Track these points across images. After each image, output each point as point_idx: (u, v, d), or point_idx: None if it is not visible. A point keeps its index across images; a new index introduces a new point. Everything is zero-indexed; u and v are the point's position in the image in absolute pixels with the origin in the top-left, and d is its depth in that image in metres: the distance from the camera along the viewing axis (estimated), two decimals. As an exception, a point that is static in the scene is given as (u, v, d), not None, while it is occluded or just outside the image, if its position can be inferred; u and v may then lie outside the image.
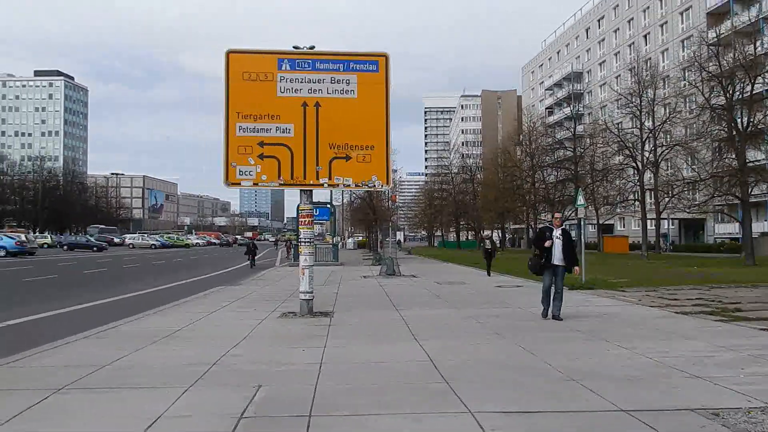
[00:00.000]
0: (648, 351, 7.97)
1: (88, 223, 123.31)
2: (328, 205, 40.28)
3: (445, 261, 41.67)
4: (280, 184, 12.03)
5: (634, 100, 43.03)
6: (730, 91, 34.09)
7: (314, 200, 14.02)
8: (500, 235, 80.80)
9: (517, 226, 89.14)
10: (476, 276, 25.28)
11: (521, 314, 12.00)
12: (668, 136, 44.41)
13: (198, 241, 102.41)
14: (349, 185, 12.29)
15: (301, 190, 12.23)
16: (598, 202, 55.03)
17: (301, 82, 12.09)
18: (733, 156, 34.90)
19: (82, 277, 25.82)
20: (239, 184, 11.99)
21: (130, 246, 75.66)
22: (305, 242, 12.16)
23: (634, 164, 43.55)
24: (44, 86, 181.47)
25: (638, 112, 42.69)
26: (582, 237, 21.53)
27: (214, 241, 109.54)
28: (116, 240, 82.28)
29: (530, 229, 78.60)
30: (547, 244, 11.03)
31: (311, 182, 12.03)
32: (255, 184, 12.00)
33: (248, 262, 35.33)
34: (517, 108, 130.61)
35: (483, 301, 14.65)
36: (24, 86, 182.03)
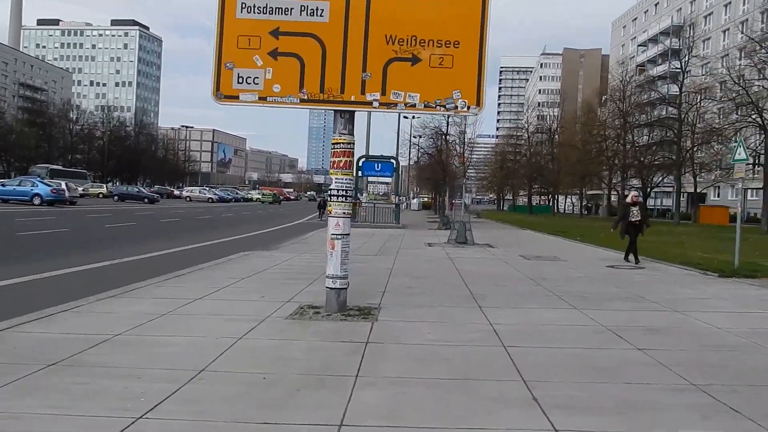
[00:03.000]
0: None
1: (157, 175, 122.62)
2: (392, 161, 35.35)
3: (522, 227, 36.49)
4: (303, 100, 7.36)
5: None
6: None
7: (375, 153, 9.28)
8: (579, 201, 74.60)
9: (593, 192, 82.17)
10: (569, 248, 20.35)
11: (693, 327, 7.09)
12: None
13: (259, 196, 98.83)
14: (414, 105, 7.44)
15: (335, 111, 7.53)
16: (700, 167, 48.64)
17: (345, -68, 7.30)
18: None
19: (97, 233, 22.21)
20: (236, 97, 7.38)
21: (187, 199, 72.94)
22: (339, 198, 7.52)
23: (760, 122, 36.53)
24: (120, 36, 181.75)
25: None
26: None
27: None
28: (175, 192, 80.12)
29: (612, 196, 72.08)
30: None
31: (352, 98, 7.33)
32: (261, 99, 7.36)
33: (316, 215, 39.73)
34: (601, 67, 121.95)
35: (608, 295, 9.69)
36: (101, 35, 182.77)
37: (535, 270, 13.18)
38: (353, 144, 7.62)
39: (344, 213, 7.51)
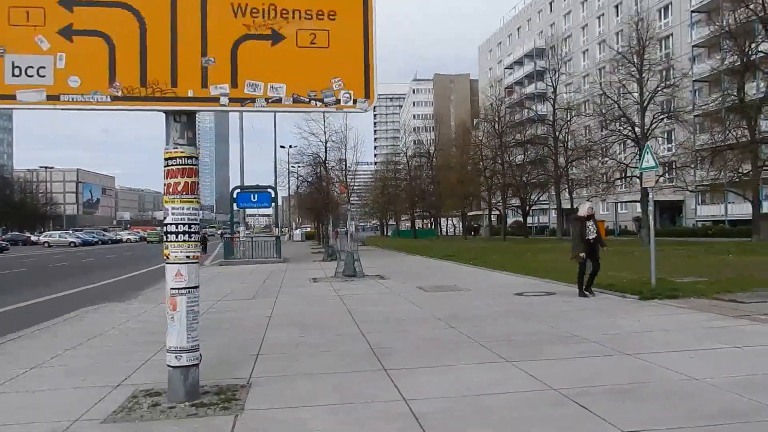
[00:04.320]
0: None
1: (13, 221, 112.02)
2: (269, 190, 32.83)
3: (410, 253, 35.05)
4: (116, 98, 5.05)
5: (632, 60, 36.63)
6: (746, 49, 28.76)
7: (250, 182, 7.03)
8: (461, 222, 75.10)
9: (474, 213, 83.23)
10: (466, 274, 18.80)
11: (665, 380, 5.43)
12: (662, 106, 38.76)
13: (130, 236, 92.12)
14: (279, 100, 5.31)
15: (166, 112, 5.32)
16: (574, 183, 49.77)
17: None
18: (745, 126, 30.23)
19: None
20: (13, 97, 4.98)
21: (45, 245, 66.00)
22: (179, 234, 5.25)
23: (632, 135, 37.33)
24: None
25: (637, 74, 36.30)
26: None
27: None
28: (33, 238, 72.77)
29: (491, 216, 73.15)
30: None
31: (190, 93, 5.12)
32: (52, 98, 4.97)
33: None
34: (471, 91, 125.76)
35: (537, 335, 7.94)
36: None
37: (439, 305, 11.35)
38: (197, 158, 5.38)
39: (188, 257, 5.25)
